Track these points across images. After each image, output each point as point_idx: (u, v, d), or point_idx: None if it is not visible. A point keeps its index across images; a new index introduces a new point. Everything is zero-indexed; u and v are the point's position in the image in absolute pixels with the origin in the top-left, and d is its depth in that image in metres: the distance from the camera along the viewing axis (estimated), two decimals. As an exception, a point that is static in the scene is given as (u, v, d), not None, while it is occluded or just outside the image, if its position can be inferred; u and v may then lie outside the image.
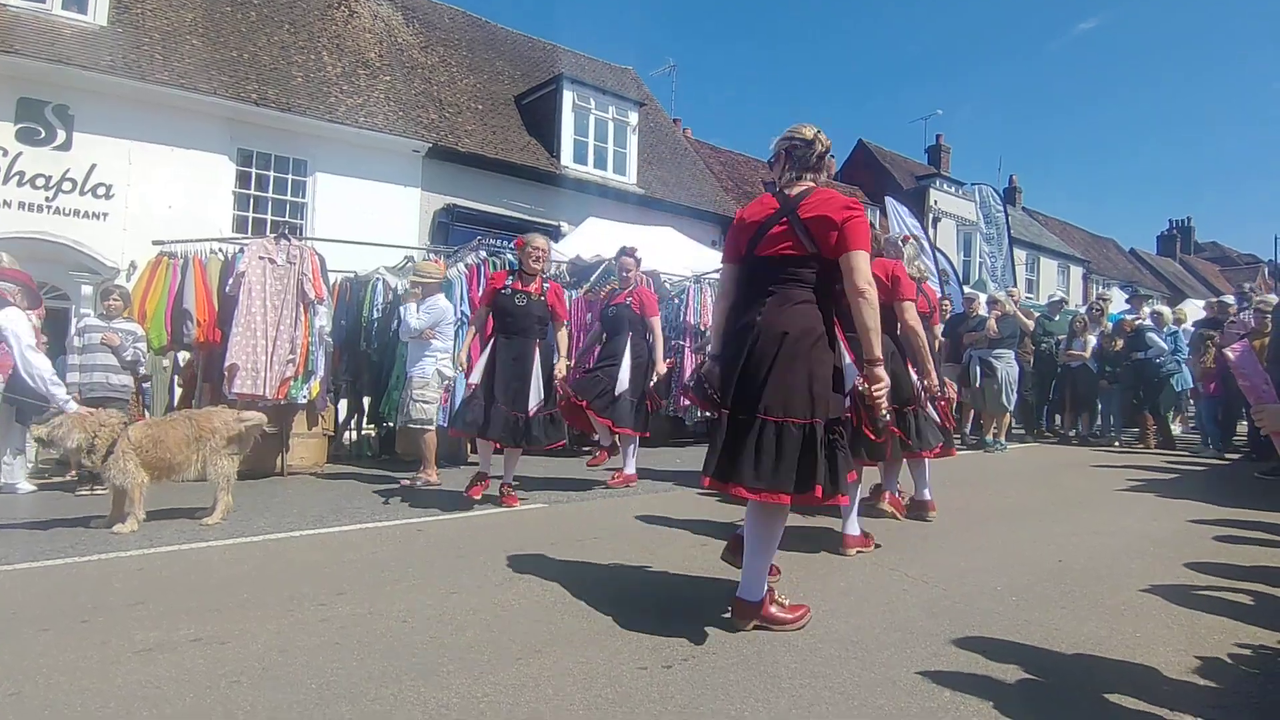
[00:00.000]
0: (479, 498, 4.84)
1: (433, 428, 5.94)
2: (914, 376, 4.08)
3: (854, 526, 3.69)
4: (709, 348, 2.85)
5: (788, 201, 2.60)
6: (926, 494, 4.49)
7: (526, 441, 4.72)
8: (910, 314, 3.93)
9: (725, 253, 2.79)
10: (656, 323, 5.73)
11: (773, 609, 2.64)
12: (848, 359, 2.66)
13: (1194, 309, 11.89)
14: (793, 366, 2.46)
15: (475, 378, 4.72)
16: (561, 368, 4.91)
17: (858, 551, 3.64)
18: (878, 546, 3.75)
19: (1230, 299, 9.17)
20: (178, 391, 7.92)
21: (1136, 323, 9.04)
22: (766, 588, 2.66)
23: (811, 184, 2.64)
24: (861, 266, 2.46)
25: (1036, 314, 9.97)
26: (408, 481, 5.79)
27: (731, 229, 2.75)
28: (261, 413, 4.95)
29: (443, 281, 6.24)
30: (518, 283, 4.80)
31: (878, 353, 2.48)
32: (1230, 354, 2.82)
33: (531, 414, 4.68)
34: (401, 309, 6.04)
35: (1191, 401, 9.79)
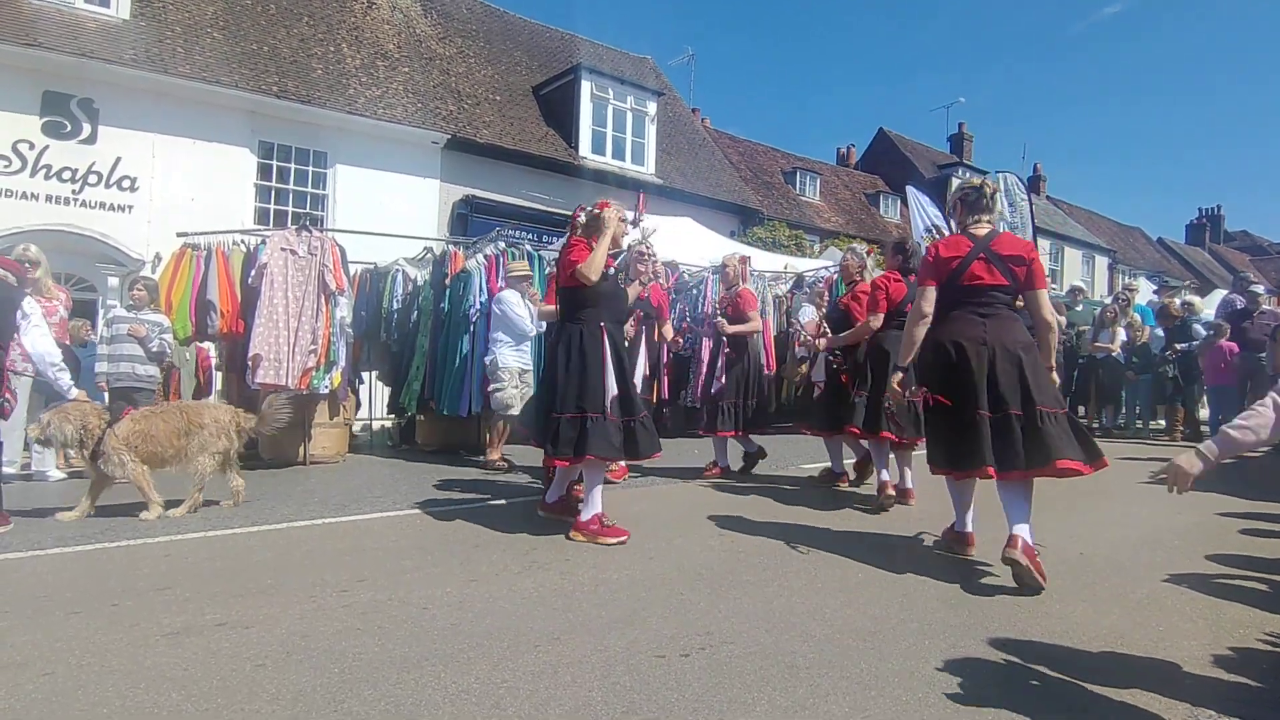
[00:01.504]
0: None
1: (511, 413, 5.85)
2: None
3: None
4: (901, 359, 3.41)
5: (979, 241, 3.23)
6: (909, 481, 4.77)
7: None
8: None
9: (926, 281, 3.31)
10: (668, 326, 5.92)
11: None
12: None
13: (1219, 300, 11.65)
14: (1039, 370, 3.10)
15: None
16: None
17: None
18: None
19: (1260, 287, 8.97)
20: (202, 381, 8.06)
21: (1185, 313, 8.89)
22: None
23: (989, 224, 3.30)
24: (1047, 300, 3.26)
25: (1064, 305, 9.78)
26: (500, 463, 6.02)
27: (931, 263, 3.31)
28: (274, 407, 4.83)
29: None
30: None
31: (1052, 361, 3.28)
32: None
33: None
34: (499, 305, 6.02)
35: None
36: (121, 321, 5.80)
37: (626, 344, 4.29)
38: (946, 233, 11.72)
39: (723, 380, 5.54)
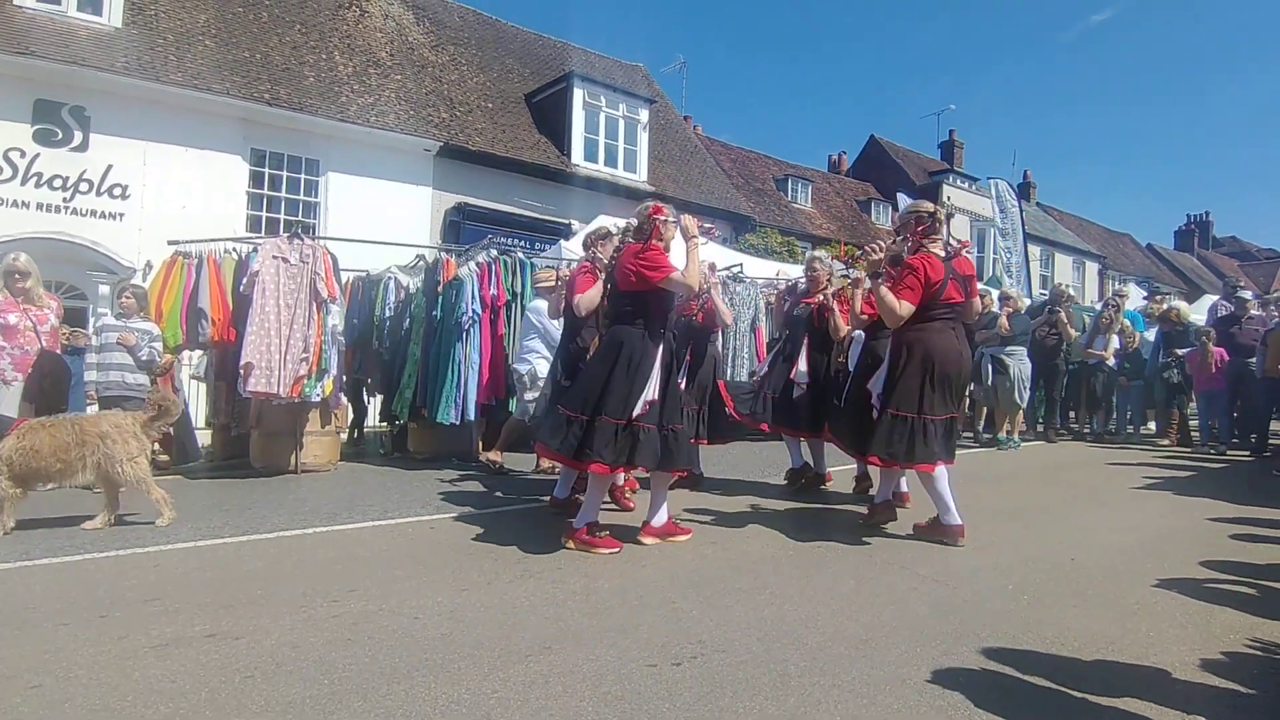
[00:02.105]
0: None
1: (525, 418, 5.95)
2: None
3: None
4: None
5: (948, 264, 3.91)
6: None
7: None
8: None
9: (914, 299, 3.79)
10: None
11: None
12: None
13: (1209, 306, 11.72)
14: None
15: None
16: None
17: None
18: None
19: (1248, 293, 9.03)
20: (200, 388, 7.99)
21: (1187, 319, 8.94)
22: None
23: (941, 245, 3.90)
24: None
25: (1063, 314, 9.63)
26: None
27: (922, 284, 3.78)
28: (159, 395, 4.57)
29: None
30: None
31: None
32: None
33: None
34: (535, 315, 6.05)
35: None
36: (110, 330, 5.77)
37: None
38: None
39: (681, 385, 5.40)
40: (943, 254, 3.93)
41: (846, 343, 5.09)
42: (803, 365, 5.11)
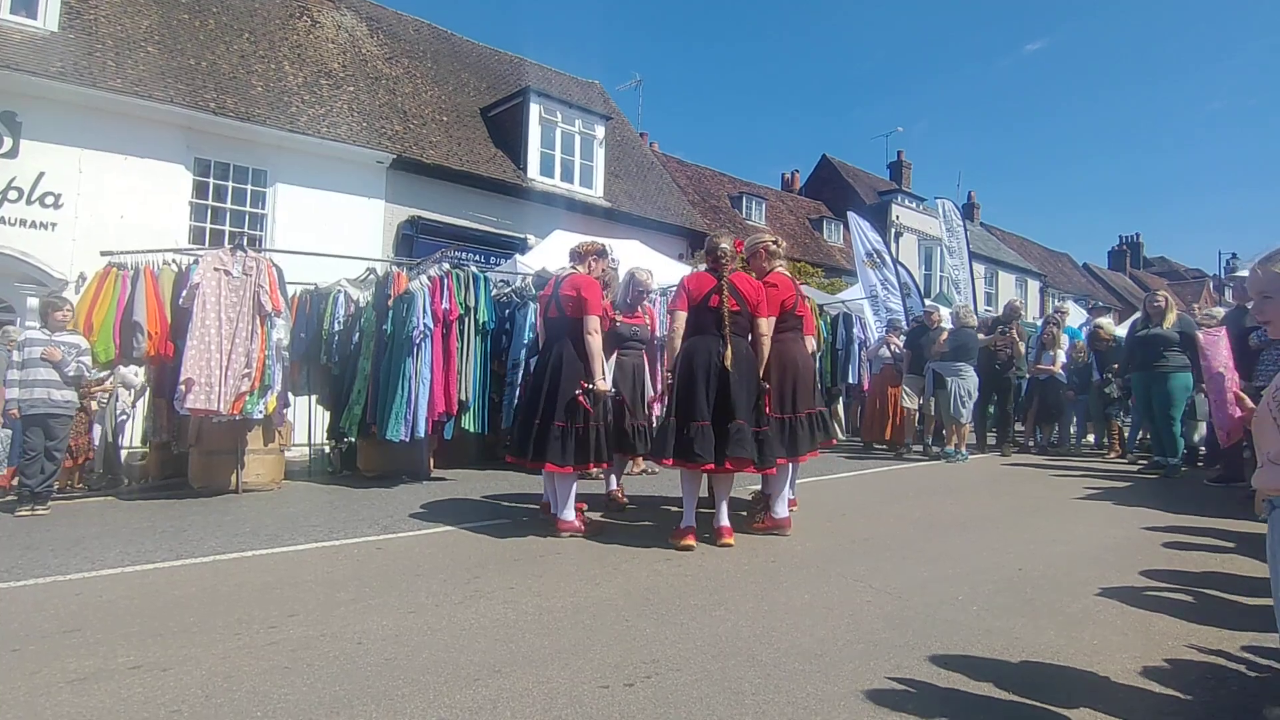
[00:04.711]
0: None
1: None
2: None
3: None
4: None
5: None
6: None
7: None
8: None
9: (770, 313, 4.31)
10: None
11: None
12: None
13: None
14: None
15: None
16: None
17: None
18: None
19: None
20: (140, 408, 7.66)
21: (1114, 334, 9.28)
22: None
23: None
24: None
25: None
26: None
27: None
28: None
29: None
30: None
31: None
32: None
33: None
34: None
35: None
36: (35, 344, 5.46)
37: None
38: (887, 258, 12.08)
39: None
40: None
41: None
42: None
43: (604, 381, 4.39)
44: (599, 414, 4.34)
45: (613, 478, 5.29)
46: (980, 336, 9.14)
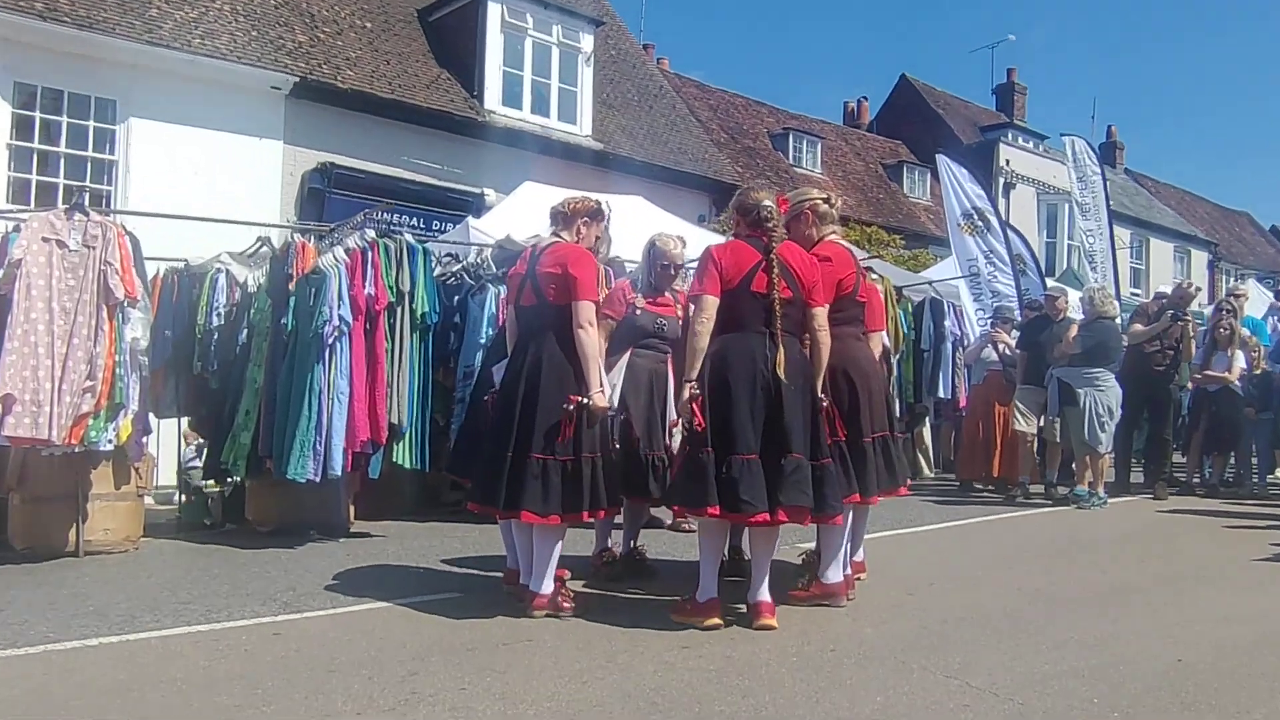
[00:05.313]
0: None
1: None
2: None
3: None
4: None
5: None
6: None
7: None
8: None
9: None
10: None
11: None
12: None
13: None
14: None
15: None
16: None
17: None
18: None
19: None
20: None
21: None
22: None
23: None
24: None
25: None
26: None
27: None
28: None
29: None
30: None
31: None
32: None
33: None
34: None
35: None
36: None
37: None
38: (993, 219, 12.10)
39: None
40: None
41: None
42: None
43: (605, 393, 4.36)
44: (596, 440, 4.35)
45: (611, 532, 5.31)
46: (1136, 328, 9.06)
